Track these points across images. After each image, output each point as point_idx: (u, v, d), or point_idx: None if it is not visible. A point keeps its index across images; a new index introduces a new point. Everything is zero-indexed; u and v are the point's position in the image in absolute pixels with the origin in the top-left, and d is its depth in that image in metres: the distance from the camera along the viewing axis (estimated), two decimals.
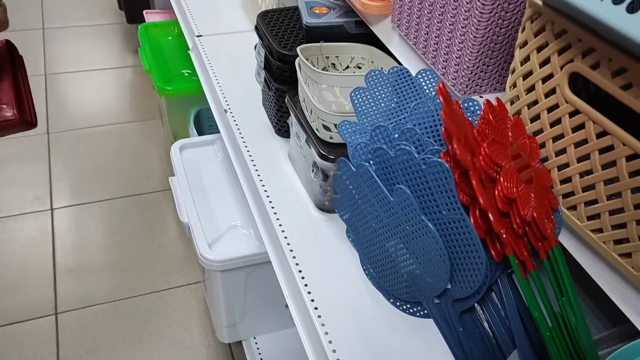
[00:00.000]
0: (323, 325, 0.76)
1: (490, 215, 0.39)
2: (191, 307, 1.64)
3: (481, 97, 0.68)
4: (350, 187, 0.49)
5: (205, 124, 1.76)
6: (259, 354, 1.32)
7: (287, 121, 1.04)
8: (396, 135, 0.48)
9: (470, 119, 0.50)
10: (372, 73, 0.56)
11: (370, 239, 0.49)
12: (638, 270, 0.47)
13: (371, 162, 0.48)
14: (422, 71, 0.61)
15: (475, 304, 0.47)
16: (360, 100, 0.56)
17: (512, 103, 0.56)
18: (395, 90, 0.61)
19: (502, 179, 0.40)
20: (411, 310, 0.49)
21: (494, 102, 0.51)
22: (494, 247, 0.40)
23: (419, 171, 0.45)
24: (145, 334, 1.55)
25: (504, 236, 0.40)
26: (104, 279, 1.69)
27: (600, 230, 0.47)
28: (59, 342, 1.52)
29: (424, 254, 0.44)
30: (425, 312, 0.47)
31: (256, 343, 1.34)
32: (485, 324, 0.49)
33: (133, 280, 1.70)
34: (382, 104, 0.58)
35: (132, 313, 1.60)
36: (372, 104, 0.57)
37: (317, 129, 0.88)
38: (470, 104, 0.52)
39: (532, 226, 0.41)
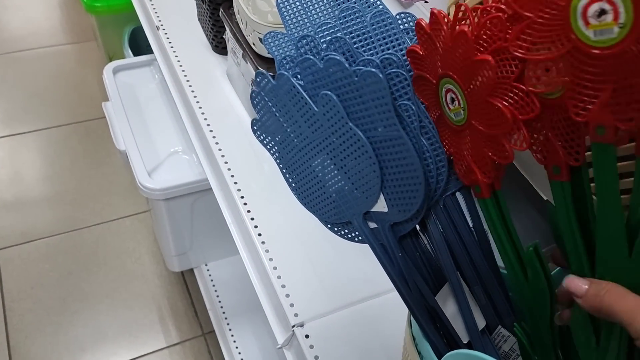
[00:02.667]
0: (267, 251, 0.73)
1: None
2: (141, 237, 1.59)
3: (426, 2, 0.62)
4: (270, 104, 0.44)
5: (143, 44, 1.64)
6: (211, 280, 1.30)
7: (224, 36, 0.96)
8: (324, 45, 0.42)
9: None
10: None
11: (294, 161, 0.45)
12: None
13: (299, 77, 0.42)
14: None
15: (417, 225, 0.44)
16: (288, 8, 0.49)
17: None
18: None
19: None
20: (349, 236, 0.45)
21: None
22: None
23: (352, 84, 0.40)
24: (93, 266, 1.51)
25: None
26: (46, 213, 1.62)
27: None
28: (2, 278, 1.46)
29: (353, 165, 0.41)
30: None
31: (208, 270, 1.32)
32: (428, 246, 0.46)
33: (77, 212, 1.63)
34: (316, 13, 0.52)
35: (78, 246, 1.55)
36: (303, 12, 0.50)
37: (253, 43, 0.81)
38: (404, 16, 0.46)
39: None
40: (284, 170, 0.46)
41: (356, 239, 0.46)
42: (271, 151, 0.47)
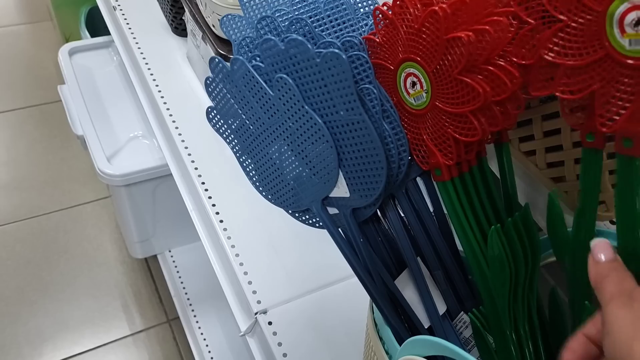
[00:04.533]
0: (229, 238, 0.72)
1: None
2: (102, 223, 1.56)
3: None
4: (225, 90, 0.43)
5: (100, 25, 1.58)
6: (175, 266, 1.28)
7: (184, 18, 0.94)
8: (285, 26, 0.41)
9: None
10: None
11: (251, 149, 0.44)
12: None
13: (258, 59, 0.41)
14: None
15: (378, 210, 0.44)
16: None
17: None
18: None
19: None
20: (310, 221, 0.45)
21: None
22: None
23: (313, 66, 0.39)
24: (53, 254, 1.47)
25: None
26: (2, 200, 1.56)
27: None
28: None
29: (310, 150, 0.40)
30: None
31: (172, 256, 1.30)
32: (389, 231, 0.46)
33: (35, 198, 1.58)
34: None
35: (36, 233, 1.51)
36: None
37: (213, 25, 0.79)
38: None
39: None
40: (242, 159, 0.45)
41: (317, 225, 0.45)
42: (227, 139, 0.45)
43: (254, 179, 0.46)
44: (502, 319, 0.40)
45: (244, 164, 0.46)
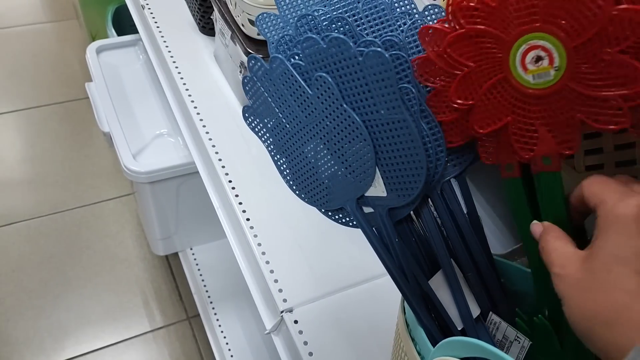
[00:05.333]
0: (255, 236, 0.73)
1: None
2: (124, 220, 1.57)
3: None
4: (262, 89, 0.43)
5: (126, 24, 1.60)
6: (197, 264, 1.29)
7: (212, 17, 0.94)
8: (325, 24, 0.41)
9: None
10: None
11: (286, 148, 0.44)
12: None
13: (297, 57, 0.41)
14: None
15: (412, 212, 0.44)
16: None
17: None
18: None
19: None
20: (344, 220, 0.45)
21: None
22: None
23: (354, 65, 0.39)
24: (75, 249, 1.48)
25: None
26: (25, 195, 1.59)
27: None
28: None
29: (347, 149, 0.40)
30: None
31: (193, 254, 1.31)
32: (423, 232, 0.46)
33: (59, 194, 1.60)
34: None
35: (60, 229, 1.52)
36: None
37: (242, 24, 0.79)
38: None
39: None
40: (276, 158, 0.45)
41: (350, 224, 0.45)
42: (262, 138, 0.46)
43: (288, 177, 0.46)
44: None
45: (278, 163, 0.46)
